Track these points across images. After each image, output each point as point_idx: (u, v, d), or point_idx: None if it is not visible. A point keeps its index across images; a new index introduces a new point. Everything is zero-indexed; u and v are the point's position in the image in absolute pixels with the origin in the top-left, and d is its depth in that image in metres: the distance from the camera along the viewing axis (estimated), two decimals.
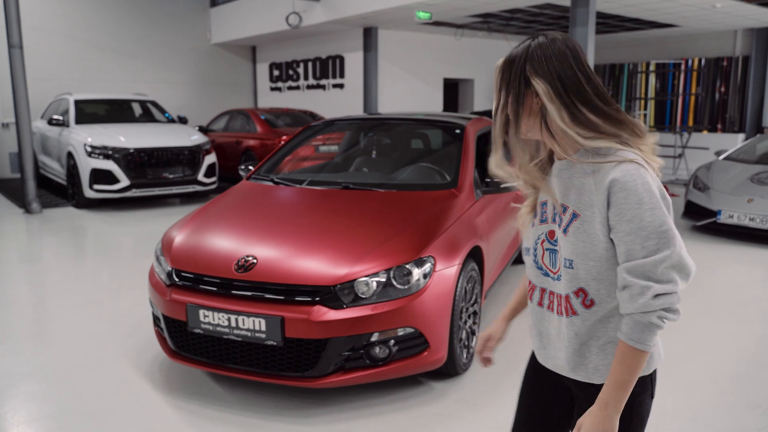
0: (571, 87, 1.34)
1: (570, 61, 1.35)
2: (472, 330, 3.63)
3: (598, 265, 1.35)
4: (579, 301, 1.38)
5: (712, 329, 4.27)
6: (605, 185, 1.30)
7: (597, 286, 1.36)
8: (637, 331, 1.29)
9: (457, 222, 3.50)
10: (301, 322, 2.85)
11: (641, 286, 1.28)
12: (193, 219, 3.65)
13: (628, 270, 1.29)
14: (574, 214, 1.37)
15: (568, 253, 1.37)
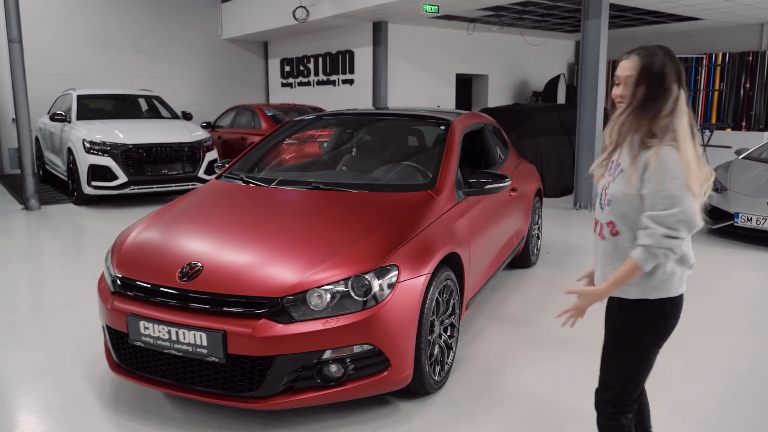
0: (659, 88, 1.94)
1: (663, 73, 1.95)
2: (448, 345, 3.34)
3: (623, 207, 1.95)
4: (608, 230, 2.02)
5: (723, 343, 3.90)
6: (647, 156, 1.88)
7: (618, 221, 1.97)
8: (645, 257, 1.88)
9: (431, 227, 3.20)
10: (244, 337, 2.59)
11: (656, 229, 1.86)
12: (147, 220, 3.42)
13: (650, 217, 1.87)
14: (622, 169, 1.97)
15: (609, 195, 1.99)
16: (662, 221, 1.84)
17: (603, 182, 2.09)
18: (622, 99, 1.97)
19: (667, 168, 1.84)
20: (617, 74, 2.00)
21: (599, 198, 2.08)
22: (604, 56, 8.19)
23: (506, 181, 3.68)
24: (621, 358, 2.05)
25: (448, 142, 3.85)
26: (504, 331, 4.12)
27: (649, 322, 1.99)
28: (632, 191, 1.91)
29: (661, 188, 1.84)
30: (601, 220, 2.04)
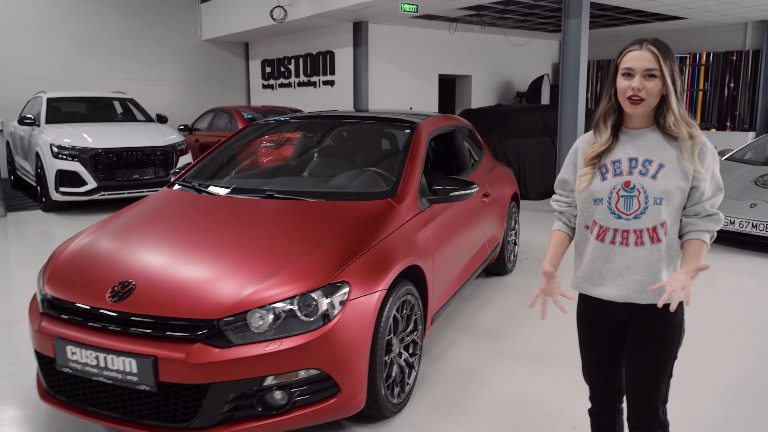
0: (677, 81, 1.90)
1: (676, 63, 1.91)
2: (409, 363, 3.13)
3: (676, 202, 1.87)
4: (663, 230, 1.88)
5: (704, 353, 3.72)
6: (698, 147, 1.87)
7: (670, 217, 1.88)
8: (708, 239, 1.89)
9: (388, 238, 2.99)
10: (176, 363, 2.37)
11: (719, 215, 1.90)
12: (87, 232, 3.19)
13: (711, 204, 1.88)
14: (661, 164, 1.87)
15: (659, 193, 1.85)
16: (716, 206, 1.89)
17: (608, 185, 1.91)
18: (638, 92, 1.83)
19: (715, 155, 1.89)
20: (632, 66, 1.84)
21: (609, 203, 1.91)
22: (585, 56, 8.03)
23: (473, 188, 3.48)
24: (671, 365, 1.99)
25: (413, 147, 3.64)
26: (474, 344, 3.91)
27: (684, 319, 1.99)
28: (686, 183, 1.86)
29: (715, 176, 1.88)
30: (638, 225, 1.87)
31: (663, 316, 1.92)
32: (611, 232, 1.92)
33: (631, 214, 1.88)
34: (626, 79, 1.86)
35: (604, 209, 1.92)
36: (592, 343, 2.11)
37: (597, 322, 2.06)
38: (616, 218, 1.91)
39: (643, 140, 1.92)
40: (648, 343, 1.96)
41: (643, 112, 1.89)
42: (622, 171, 1.91)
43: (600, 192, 1.93)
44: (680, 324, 1.96)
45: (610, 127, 1.96)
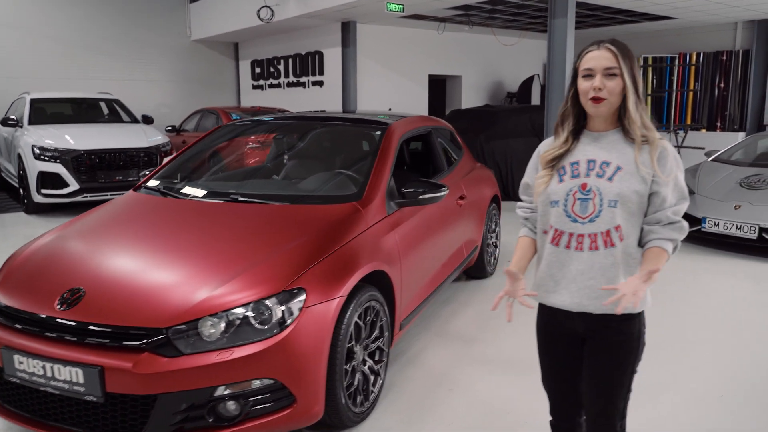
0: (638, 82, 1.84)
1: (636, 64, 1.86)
2: (374, 371, 3.06)
3: (632, 207, 1.79)
4: (617, 234, 1.81)
5: (682, 360, 3.65)
6: (658, 151, 1.80)
7: (626, 222, 1.80)
8: (671, 248, 1.81)
9: (351, 243, 2.92)
10: (122, 373, 2.30)
11: (683, 223, 1.82)
12: (45, 236, 3.12)
13: (673, 212, 1.80)
14: (618, 167, 1.81)
15: (613, 195, 1.79)
16: (680, 214, 1.82)
17: (565, 187, 1.86)
18: (599, 91, 1.79)
19: (678, 161, 1.82)
20: (592, 67, 1.80)
21: (564, 206, 1.85)
22: (571, 56, 7.96)
23: (443, 191, 3.41)
24: (628, 379, 1.92)
25: (382, 150, 3.57)
26: (447, 350, 3.85)
27: (644, 332, 1.93)
28: (644, 188, 1.79)
29: (678, 183, 1.81)
30: (592, 229, 1.81)
31: (619, 329, 1.86)
32: (566, 236, 1.86)
33: (586, 218, 1.82)
34: (587, 80, 1.81)
35: (559, 212, 1.87)
36: (551, 355, 2.05)
37: (555, 333, 2.00)
38: (571, 222, 1.84)
39: (605, 142, 1.86)
40: (604, 357, 1.89)
41: (607, 112, 1.84)
42: (579, 173, 1.86)
43: (556, 194, 1.88)
44: (638, 337, 1.89)
45: (568, 130, 1.92)
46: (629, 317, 1.85)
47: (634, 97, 1.80)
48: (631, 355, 1.88)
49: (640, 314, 1.88)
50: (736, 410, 3.12)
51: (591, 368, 1.92)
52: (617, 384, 1.90)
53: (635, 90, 1.80)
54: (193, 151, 4.08)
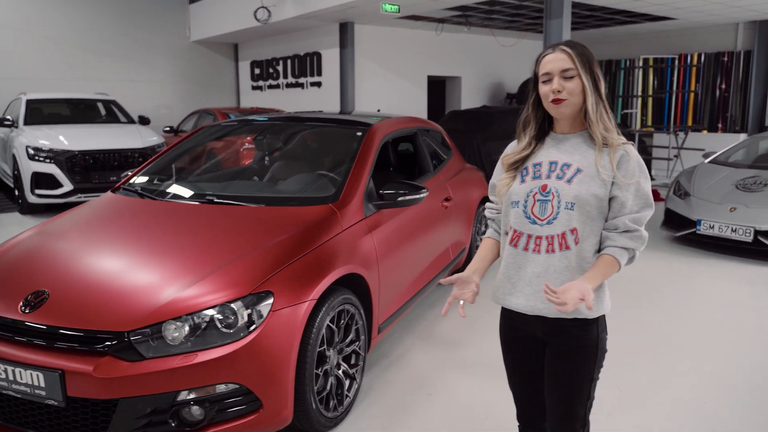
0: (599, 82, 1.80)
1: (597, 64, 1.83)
2: (349, 375, 3.01)
3: (591, 211, 1.75)
4: (573, 237, 1.76)
5: (671, 365, 3.59)
6: (618, 155, 1.76)
7: (582, 227, 1.76)
8: (625, 257, 1.76)
9: (324, 245, 2.87)
10: (83, 377, 2.26)
11: (641, 231, 1.76)
12: (19, 237, 3.08)
13: (633, 219, 1.75)
14: (578, 169, 1.77)
15: (571, 198, 1.75)
16: (640, 223, 1.76)
17: (526, 188, 1.83)
18: (558, 92, 1.77)
19: (641, 167, 1.77)
20: (549, 70, 1.79)
21: (524, 207, 1.82)
22: None
23: (422, 193, 3.36)
24: (587, 387, 1.86)
25: (362, 151, 3.53)
26: (429, 354, 3.80)
27: (605, 338, 1.87)
28: (604, 191, 1.75)
29: (639, 188, 1.76)
30: (549, 233, 1.78)
31: (576, 335, 1.81)
32: (525, 237, 1.83)
33: (544, 219, 1.79)
34: (546, 84, 1.80)
35: (519, 212, 1.84)
36: (513, 357, 2.01)
37: (517, 337, 1.96)
38: (530, 223, 1.81)
39: (568, 144, 1.85)
40: (562, 362, 1.85)
41: (570, 114, 1.82)
42: (541, 174, 1.84)
43: (517, 194, 1.85)
44: (596, 344, 1.83)
45: (531, 135, 1.90)
46: (586, 322, 1.81)
47: (593, 97, 1.77)
48: (589, 361, 1.83)
49: (597, 320, 1.83)
50: (714, 420, 3.05)
51: (550, 374, 1.88)
52: (576, 391, 1.85)
53: (596, 90, 1.77)
54: (176, 151, 4.05)
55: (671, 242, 6.69)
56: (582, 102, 1.78)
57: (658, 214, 7.89)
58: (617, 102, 13.84)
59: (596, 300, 1.80)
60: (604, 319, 1.86)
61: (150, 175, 3.83)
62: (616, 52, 13.83)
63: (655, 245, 6.59)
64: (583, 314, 1.78)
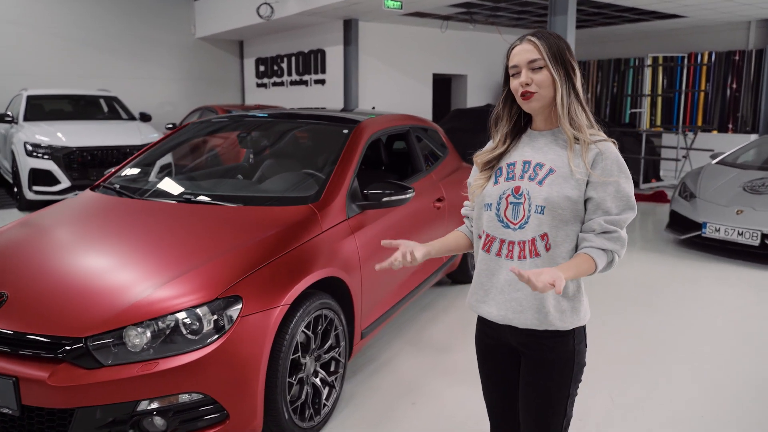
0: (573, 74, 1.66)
1: (572, 54, 1.67)
2: (328, 383, 2.89)
3: (563, 214, 1.62)
4: (543, 244, 1.63)
5: (667, 374, 3.44)
6: (593, 154, 1.62)
7: (555, 232, 1.63)
8: (603, 259, 1.61)
9: (301, 248, 2.75)
10: (38, 385, 2.16)
11: (620, 233, 1.62)
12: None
13: (608, 221, 1.61)
14: (551, 169, 1.64)
15: (541, 200, 1.62)
16: (620, 225, 1.62)
17: (499, 189, 1.71)
18: (527, 85, 1.64)
19: (621, 167, 1.63)
20: (516, 63, 1.65)
21: (497, 209, 1.69)
22: None
23: (408, 193, 3.23)
24: (563, 403, 1.73)
25: (347, 149, 3.40)
26: (418, 359, 3.67)
27: (582, 351, 1.74)
28: (578, 193, 1.61)
29: (619, 188, 1.62)
30: (521, 238, 1.65)
31: (550, 346, 1.68)
32: (497, 242, 1.70)
33: (517, 224, 1.67)
34: (516, 78, 1.67)
35: (491, 216, 1.71)
36: (488, 366, 1.88)
37: (491, 346, 1.83)
38: (503, 227, 1.69)
39: (542, 142, 1.71)
40: (535, 377, 1.72)
41: (541, 108, 1.68)
42: (514, 175, 1.71)
43: (490, 196, 1.73)
44: (572, 357, 1.69)
45: (503, 132, 1.77)
46: (560, 334, 1.67)
47: (563, 90, 1.63)
48: (565, 375, 1.69)
49: (573, 331, 1.69)
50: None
51: (523, 388, 1.76)
52: (551, 406, 1.71)
53: (567, 82, 1.64)
54: (160, 148, 3.94)
55: (676, 245, 6.51)
56: (554, 95, 1.65)
57: (663, 216, 7.72)
58: (626, 101, 13.62)
59: (572, 310, 1.66)
60: (583, 331, 1.73)
61: (131, 172, 3.72)
62: (625, 50, 13.61)
63: (659, 248, 6.42)
64: (556, 326, 1.65)
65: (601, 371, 3.46)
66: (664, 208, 8.43)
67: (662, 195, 9.39)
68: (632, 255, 6.16)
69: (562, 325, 1.65)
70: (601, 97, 14.26)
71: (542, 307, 1.64)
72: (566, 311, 1.66)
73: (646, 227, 7.76)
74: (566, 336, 1.67)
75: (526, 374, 1.74)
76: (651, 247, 6.47)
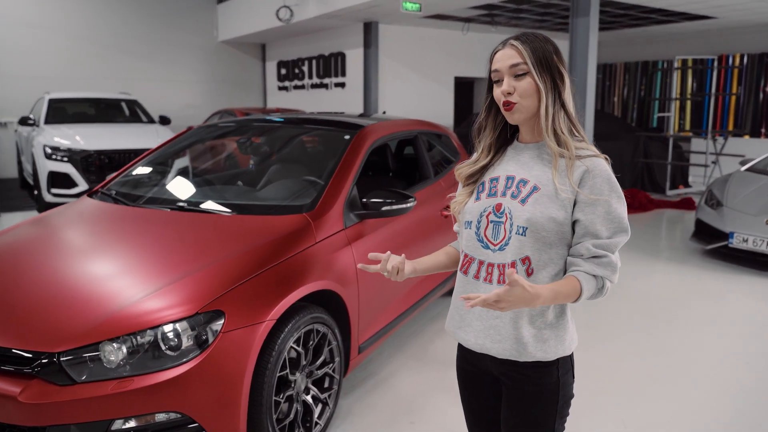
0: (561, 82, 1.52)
1: (561, 59, 1.53)
2: (321, 400, 2.77)
3: (548, 236, 1.48)
4: (523, 269, 1.50)
5: (692, 396, 3.24)
6: (580, 171, 1.47)
7: (539, 256, 1.49)
8: (591, 284, 1.46)
9: (291, 260, 2.63)
10: (9, 401, 2.07)
11: (610, 257, 1.47)
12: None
13: (597, 245, 1.46)
14: (535, 186, 1.50)
15: (523, 221, 1.49)
16: (612, 249, 1.47)
17: (479, 206, 1.58)
18: (509, 95, 1.50)
19: (612, 185, 1.47)
20: (498, 68, 1.52)
21: (477, 228, 1.57)
22: (594, 56, 7.52)
23: (409, 202, 3.09)
24: None
25: (347, 155, 3.27)
26: (421, 375, 3.52)
27: (569, 383, 1.58)
28: (564, 214, 1.47)
29: (610, 210, 1.46)
30: (500, 261, 1.52)
31: (533, 378, 1.53)
32: (476, 263, 1.57)
33: (497, 245, 1.53)
34: (498, 86, 1.54)
35: (471, 234, 1.59)
36: (469, 398, 1.75)
37: (472, 373, 1.70)
38: (483, 247, 1.56)
39: (527, 156, 1.57)
40: (516, 410, 1.58)
41: (524, 119, 1.54)
42: (497, 191, 1.58)
43: (471, 213, 1.61)
44: (556, 389, 1.54)
45: (485, 143, 1.64)
46: (543, 365, 1.53)
47: (548, 99, 1.49)
48: (549, 409, 1.55)
49: (557, 361, 1.54)
50: None
51: (504, 420, 1.62)
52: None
53: (553, 91, 1.50)
54: (160, 154, 3.87)
55: (701, 255, 6.24)
56: (538, 105, 1.50)
57: (690, 224, 7.44)
58: (653, 105, 13.26)
59: (555, 339, 1.52)
60: (569, 360, 1.58)
61: (130, 178, 3.66)
62: (653, 52, 13.26)
63: (684, 258, 6.16)
64: (537, 357, 1.50)
65: (614, 391, 3.28)
66: (691, 216, 8.13)
67: (690, 202, 9.08)
68: (655, 266, 5.93)
69: (544, 356, 1.50)
70: (628, 100, 13.92)
71: (521, 337, 1.49)
72: (549, 340, 1.51)
73: (671, 236, 7.49)
74: (550, 367, 1.53)
75: (506, 406, 1.59)
76: (675, 258, 6.21)
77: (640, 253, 6.31)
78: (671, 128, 11.16)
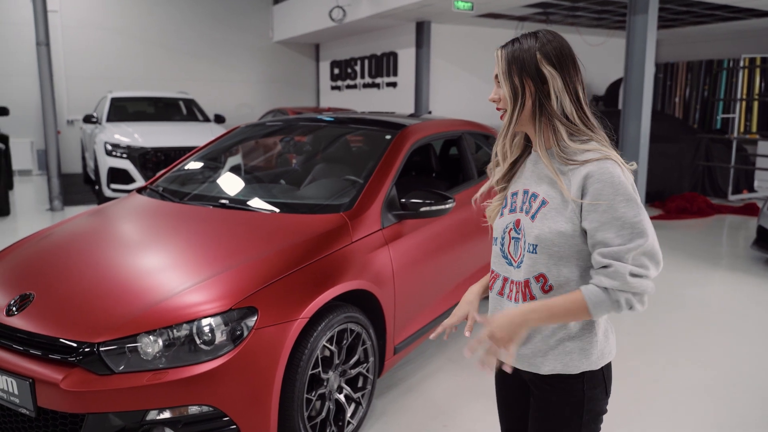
0: (571, 82, 1.45)
1: (573, 57, 1.47)
2: (354, 399, 2.77)
3: (561, 251, 1.41)
4: (539, 286, 1.45)
5: (757, 413, 3.08)
6: (581, 177, 1.38)
7: (557, 271, 1.43)
8: (600, 301, 1.34)
9: (327, 258, 2.64)
10: (52, 388, 2.16)
11: (619, 266, 1.33)
12: (32, 236, 3.07)
13: (603, 254, 1.35)
14: (543, 201, 1.45)
15: (532, 239, 1.44)
16: (622, 257, 1.34)
17: (503, 222, 1.56)
18: (497, 102, 1.52)
19: (616, 187, 1.36)
20: (495, 74, 1.53)
21: (501, 245, 1.56)
22: (651, 55, 7.26)
23: (448, 203, 3.05)
24: None
25: (387, 155, 3.26)
26: (456, 378, 3.48)
27: (598, 397, 1.49)
28: (571, 227, 1.40)
29: (617, 214, 1.35)
30: (518, 278, 1.49)
31: (559, 388, 1.48)
32: (500, 280, 1.57)
33: (517, 261, 1.52)
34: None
35: (497, 251, 1.59)
36: (502, 401, 1.74)
37: (508, 379, 1.66)
38: (507, 264, 1.55)
39: (539, 167, 1.52)
40: (539, 420, 1.54)
41: (520, 127, 1.53)
42: (516, 206, 1.55)
43: (496, 230, 1.60)
44: (581, 403, 1.48)
45: (514, 146, 1.59)
46: (565, 378, 1.47)
47: (522, 106, 1.46)
48: (573, 424, 1.49)
49: (582, 375, 1.47)
50: None
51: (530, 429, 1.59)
52: None
53: (535, 96, 1.44)
54: (206, 152, 3.96)
55: (762, 265, 5.93)
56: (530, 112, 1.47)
57: (751, 231, 7.08)
58: (717, 106, 12.70)
59: (579, 352, 1.46)
60: (599, 374, 1.50)
61: (177, 176, 3.76)
62: (717, 51, 12.69)
63: (745, 267, 5.87)
64: (556, 370, 1.46)
65: (662, 405, 3.15)
66: (754, 222, 7.74)
67: (753, 207, 8.65)
68: (715, 274, 5.67)
69: (565, 369, 1.45)
70: (690, 101, 13.38)
71: (540, 349, 1.45)
72: (572, 353, 1.45)
73: (731, 243, 7.15)
74: (573, 380, 1.47)
75: (532, 417, 1.56)
76: (737, 266, 5.93)
77: (697, 260, 6.05)
78: (735, 130, 10.66)
